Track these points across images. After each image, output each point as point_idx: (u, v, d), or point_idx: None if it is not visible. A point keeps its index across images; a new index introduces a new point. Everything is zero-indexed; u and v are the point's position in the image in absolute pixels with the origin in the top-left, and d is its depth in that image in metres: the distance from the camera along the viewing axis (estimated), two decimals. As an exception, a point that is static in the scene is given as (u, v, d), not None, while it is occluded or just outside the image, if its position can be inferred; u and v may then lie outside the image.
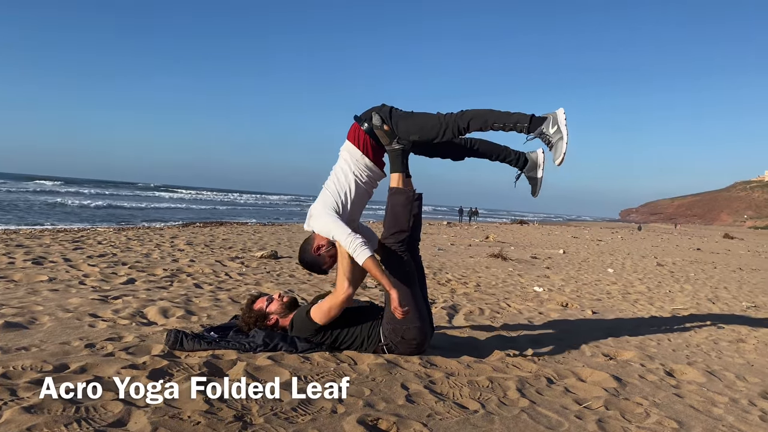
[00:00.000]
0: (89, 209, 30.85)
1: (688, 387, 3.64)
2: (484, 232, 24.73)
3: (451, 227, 28.78)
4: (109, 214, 27.93)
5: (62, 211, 28.00)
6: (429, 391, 3.07)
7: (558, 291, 7.71)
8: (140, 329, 3.94)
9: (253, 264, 8.26)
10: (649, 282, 9.51)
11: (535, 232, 28.65)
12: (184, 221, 23.29)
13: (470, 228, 29.32)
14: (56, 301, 4.63)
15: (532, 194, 4.06)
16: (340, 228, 3.50)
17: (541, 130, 3.59)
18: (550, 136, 3.59)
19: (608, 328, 5.33)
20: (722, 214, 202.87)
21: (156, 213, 31.39)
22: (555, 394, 3.25)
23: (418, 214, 3.85)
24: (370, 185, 3.83)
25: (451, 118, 3.67)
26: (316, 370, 3.27)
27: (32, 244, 8.73)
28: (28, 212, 24.88)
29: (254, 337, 3.60)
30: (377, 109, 3.77)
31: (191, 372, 3.03)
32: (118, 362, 3.09)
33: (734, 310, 7.13)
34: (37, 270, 6.22)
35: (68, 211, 28.36)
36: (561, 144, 3.56)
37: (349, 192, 3.69)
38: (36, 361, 3.01)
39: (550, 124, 3.58)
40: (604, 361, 4.08)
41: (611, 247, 20.04)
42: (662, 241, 28.91)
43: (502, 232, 25.62)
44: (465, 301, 6.30)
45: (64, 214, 25.38)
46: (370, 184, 3.83)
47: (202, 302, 5.06)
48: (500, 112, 3.64)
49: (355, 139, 3.78)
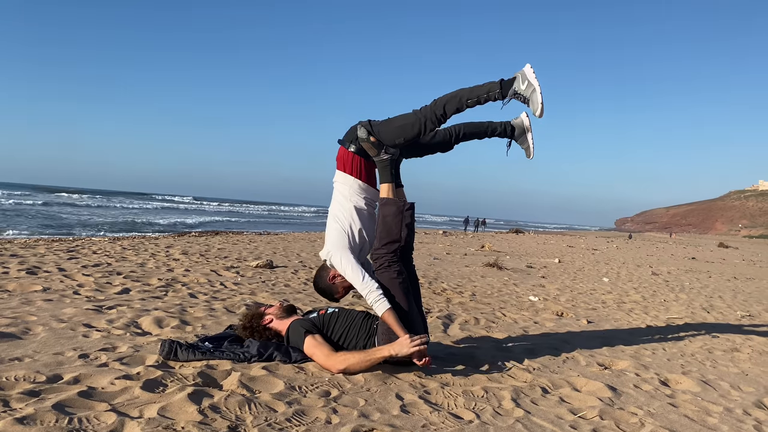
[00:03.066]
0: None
1: (683, 396, 3.65)
2: (479, 241, 24.74)
3: (447, 236, 28.78)
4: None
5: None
6: (424, 401, 3.07)
7: (553, 300, 7.72)
8: (134, 339, 3.92)
9: (248, 273, 8.24)
10: (644, 291, 9.53)
11: (530, 241, 28.68)
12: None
13: (466, 237, 29.33)
14: (50, 311, 4.61)
15: (527, 156, 4.10)
16: (357, 274, 3.59)
17: (513, 90, 3.65)
18: (522, 91, 3.64)
19: (603, 338, 5.33)
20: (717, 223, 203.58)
21: (238, 225, 32.20)
22: (550, 404, 3.25)
23: (411, 223, 3.86)
24: (372, 206, 3.88)
25: (427, 110, 3.73)
26: (310, 380, 3.26)
27: (26, 253, 8.69)
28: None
29: (249, 347, 3.60)
30: (358, 124, 3.82)
31: (185, 382, 3.02)
32: (111, 373, 3.08)
33: (729, 319, 7.15)
34: (32, 280, 6.19)
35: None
36: (535, 96, 3.61)
37: (353, 223, 3.76)
38: (29, 371, 2.99)
39: (520, 81, 3.64)
40: (599, 371, 4.08)
41: (606, 256, 20.08)
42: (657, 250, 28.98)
43: (498, 241, 25.63)
44: (460, 310, 6.30)
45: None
46: (372, 205, 3.88)
47: (196, 312, 5.05)
48: (470, 88, 3.71)
49: (344, 164, 3.84)
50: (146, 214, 41.91)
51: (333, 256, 3.70)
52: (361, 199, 3.82)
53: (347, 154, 3.85)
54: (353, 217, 3.76)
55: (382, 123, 3.81)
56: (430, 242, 21.12)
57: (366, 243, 3.84)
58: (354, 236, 3.75)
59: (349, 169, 3.83)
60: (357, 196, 3.81)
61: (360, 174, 3.83)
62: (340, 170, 3.88)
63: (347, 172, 3.83)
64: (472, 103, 3.68)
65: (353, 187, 3.82)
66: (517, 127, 4.05)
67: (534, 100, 3.61)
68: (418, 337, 3.43)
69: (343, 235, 3.72)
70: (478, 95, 3.67)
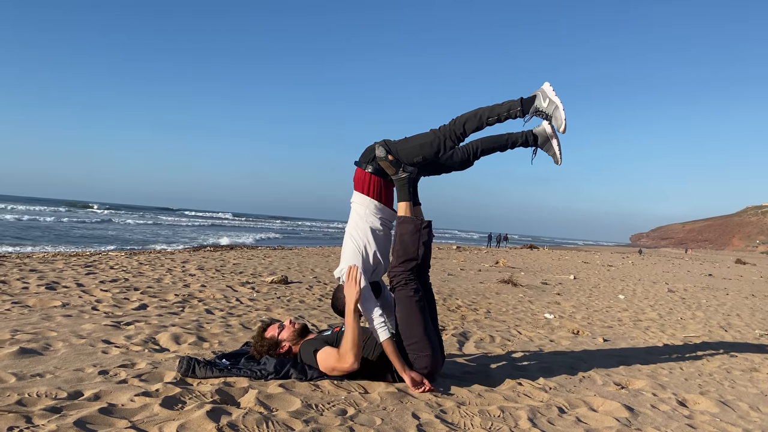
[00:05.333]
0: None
1: (701, 417, 3.61)
2: (494, 257, 24.66)
3: (461, 252, 28.72)
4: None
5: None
6: (440, 421, 3.07)
7: (569, 318, 7.68)
8: (153, 356, 3.97)
9: (263, 289, 8.29)
10: (660, 309, 9.45)
11: (545, 257, 28.52)
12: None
13: (480, 253, 29.25)
14: (70, 326, 4.68)
15: (555, 163, 4.11)
16: (366, 300, 3.64)
17: (535, 107, 3.72)
18: (545, 109, 3.70)
19: (620, 356, 5.30)
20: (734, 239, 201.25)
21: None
22: (566, 424, 3.23)
23: (428, 241, 3.89)
24: (388, 227, 3.93)
25: (446, 129, 3.80)
26: (327, 398, 3.28)
27: (45, 268, 8.81)
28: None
29: (266, 364, 3.62)
30: (375, 144, 3.87)
31: (204, 400, 3.05)
32: (131, 389, 3.12)
33: (747, 338, 7.07)
34: (51, 295, 6.28)
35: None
36: (558, 113, 3.67)
37: (368, 244, 3.82)
38: (51, 387, 3.04)
39: (541, 99, 3.70)
40: (615, 390, 4.06)
41: (622, 272, 19.92)
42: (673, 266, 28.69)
43: (512, 257, 25.53)
44: (475, 328, 6.29)
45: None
46: (387, 225, 3.93)
47: (213, 328, 5.09)
48: (490, 107, 3.78)
49: (361, 185, 3.89)
50: (204, 231, 41.88)
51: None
52: (377, 219, 3.86)
53: (364, 175, 3.89)
54: (368, 237, 3.81)
55: (400, 142, 3.86)
56: (443, 258, 21.09)
57: (381, 264, 3.87)
58: (368, 257, 3.79)
59: (366, 190, 3.87)
60: (373, 216, 3.85)
61: (376, 194, 3.88)
62: (357, 191, 3.92)
63: (364, 192, 3.88)
64: (493, 121, 3.76)
65: (369, 208, 3.86)
66: (540, 136, 4.08)
67: (557, 117, 3.67)
68: (423, 386, 3.53)
69: (357, 255, 3.77)
70: (499, 113, 3.73)
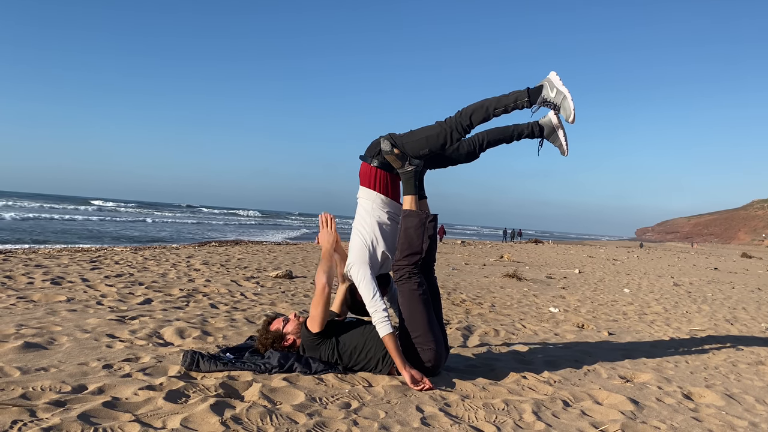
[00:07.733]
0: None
1: (707, 410, 3.60)
2: (498, 251, 24.63)
3: (465, 246, 28.70)
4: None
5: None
6: (444, 414, 3.07)
7: (574, 312, 7.66)
8: (157, 350, 3.97)
9: (268, 284, 8.30)
10: (665, 302, 9.42)
11: (550, 252, 28.48)
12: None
13: (485, 247, 29.23)
14: (74, 321, 4.69)
15: (562, 154, 4.08)
16: (369, 290, 3.65)
17: (543, 98, 3.70)
18: (552, 99, 3.67)
19: (625, 350, 5.28)
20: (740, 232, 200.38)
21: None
22: (571, 417, 3.22)
23: (433, 235, 3.87)
24: (395, 220, 3.91)
25: (452, 121, 3.77)
26: (330, 392, 3.28)
27: (51, 264, 8.83)
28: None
29: (269, 357, 3.63)
30: (381, 138, 3.84)
31: (207, 393, 3.05)
32: (135, 383, 3.12)
33: (753, 331, 7.03)
34: (56, 290, 6.29)
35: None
36: (566, 102, 3.64)
37: (375, 239, 3.82)
38: (55, 381, 3.05)
39: (549, 89, 3.67)
40: (620, 384, 4.05)
41: (627, 266, 19.88)
42: (679, 260, 28.62)
43: (517, 252, 25.49)
44: (480, 321, 6.28)
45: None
46: (395, 219, 3.91)
47: (217, 323, 5.10)
48: (496, 98, 3.75)
49: (368, 180, 3.88)
50: (241, 229, 41.70)
51: (352, 268, 3.75)
52: (384, 213, 3.85)
53: (370, 169, 3.88)
54: (375, 232, 3.81)
55: (406, 135, 3.83)
56: (448, 252, 21.08)
57: (388, 258, 3.87)
58: (375, 251, 3.79)
59: (372, 185, 3.86)
60: (380, 210, 3.84)
61: (382, 188, 3.87)
62: (363, 186, 3.91)
63: (370, 187, 3.87)
64: (500, 112, 3.73)
65: (376, 202, 3.85)
66: (546, 126, 4.04)
67: (566, 107, 3.64)
68: (422, 383, 3.49)
69: (364, 249, 3.77)
70: (506, 104, 3.70)
